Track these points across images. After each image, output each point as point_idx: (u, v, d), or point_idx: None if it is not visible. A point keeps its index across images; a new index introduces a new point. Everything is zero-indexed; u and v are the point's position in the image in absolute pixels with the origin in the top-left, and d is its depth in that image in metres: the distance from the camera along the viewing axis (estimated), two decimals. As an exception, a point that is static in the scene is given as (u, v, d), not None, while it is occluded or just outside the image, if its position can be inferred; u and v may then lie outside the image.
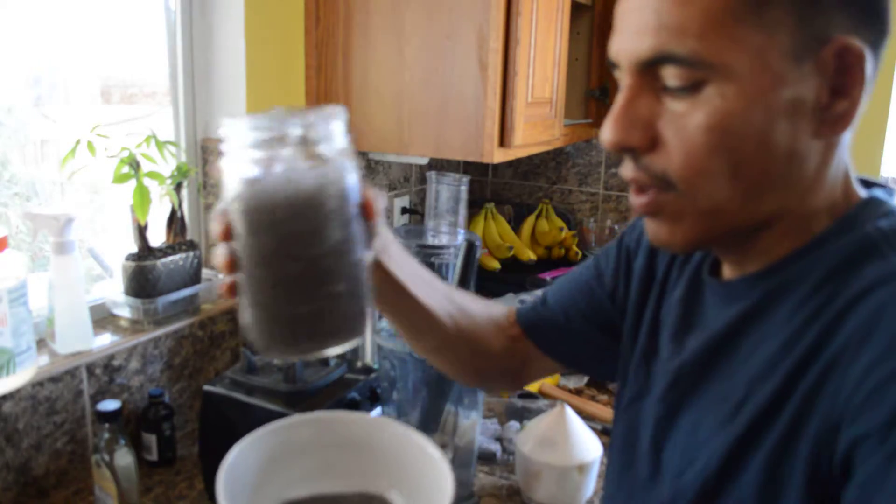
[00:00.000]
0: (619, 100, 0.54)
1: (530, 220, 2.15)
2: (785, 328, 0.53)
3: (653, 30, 0.50)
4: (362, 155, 1.66)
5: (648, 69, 0.52)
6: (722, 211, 0.53)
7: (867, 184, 0.59)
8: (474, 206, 2.09)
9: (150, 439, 1.14)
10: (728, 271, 0.61)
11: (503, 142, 1.38)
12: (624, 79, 0.54)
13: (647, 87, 0.52)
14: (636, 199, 0.56)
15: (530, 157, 2.26)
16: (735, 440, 0.54)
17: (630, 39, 0.52)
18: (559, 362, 0.82)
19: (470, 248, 0.99)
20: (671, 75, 0.51)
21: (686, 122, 0.51)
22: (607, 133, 0.54)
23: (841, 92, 0.50)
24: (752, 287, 0.57)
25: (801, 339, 0.51)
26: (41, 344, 1.07)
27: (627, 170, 0.56)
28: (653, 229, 0.57)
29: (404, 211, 1.89)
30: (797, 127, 0.50)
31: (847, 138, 0.55)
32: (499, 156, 1.38)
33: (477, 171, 2.32)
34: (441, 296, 0.72)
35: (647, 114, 0.52)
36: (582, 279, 0.80)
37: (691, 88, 0.50)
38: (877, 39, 0.51)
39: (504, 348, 0.81)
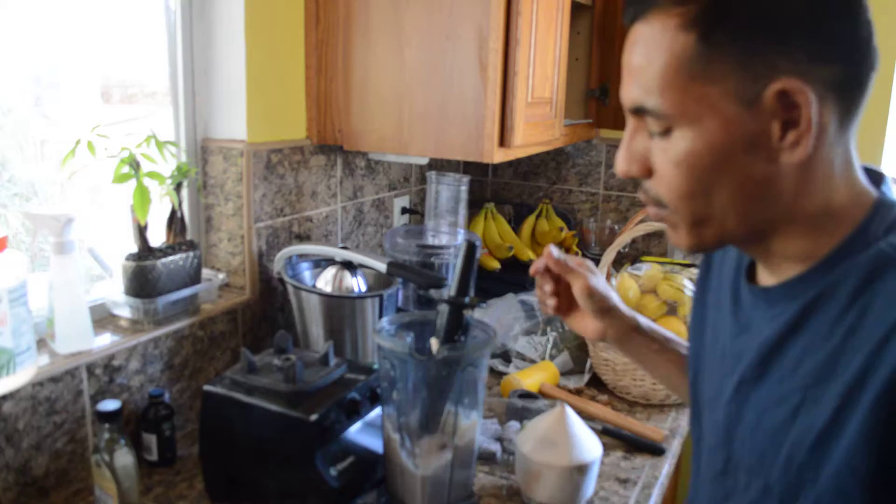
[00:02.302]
0: (624, 135, 0.67)
1: (530, 220, 2.15)
2: (827, 342, 0.60)
3: (633, 85, 0.64)
4: (362, 155, 1.66)
5: (638, 114, 0.65)
6: (707, 221, 0.64)
7: (872, 173, 0.66)
8: (474, 206, 2.09)
9: (150, 439, 1.14)
10: (764, 276, 0.71)
11: (503, 142, 1.38)
12: (628, 119, 0.67)
13: (641, 127, 0.65)
14: (651, 212, 0.70)
15: (530, 157, 2.26)
16: (800, 445, 0.62)
17: (623, 90, 0.66)
18: None
19: (470, 248, 0.99)
20: (650, 122, 0.63)
21: (664, 157, 0.63)
22: (618, 164, 0.68)
23: (791, 124, 0.58)
24: (789, 298, 0.65)
25: (846, 357, 0.58)
26: (41, 344, 1.07)
27: (640, 192, 0.70)
28: (669, 234, 0.70)
29: (404, 211, 1.89)
30: (758, 156, 0.60)
31: (850, 135, 0.62)
32: (499, 156, 1.38)
33: (477, 171, 2.32)
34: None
35: (643, 149, 0.65)
36: None
37: (664, 133, 0.63)
38: (837, 78, 0.58)
39: None
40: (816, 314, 0.62)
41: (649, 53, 0.61)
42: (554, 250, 0.96)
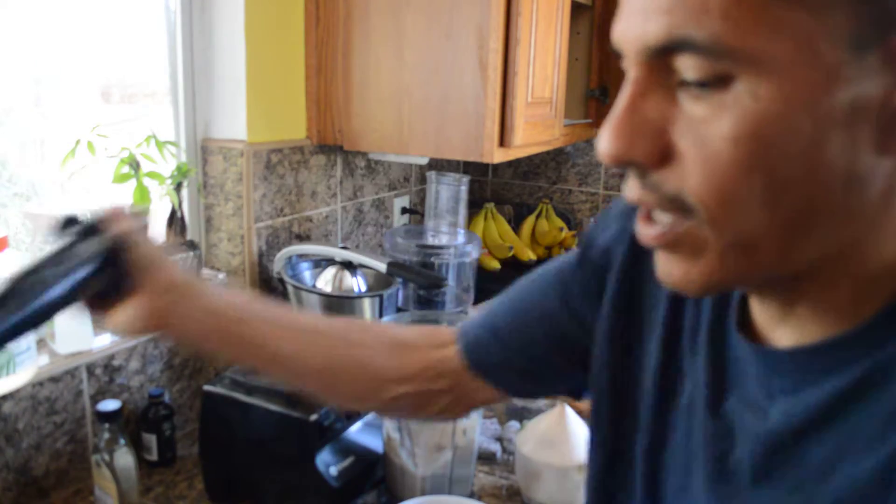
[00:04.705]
0: (622, 99, 0.41)
1: (530, 220, 2.15)
2: (880, 445, 0.39)
3: (665, 7, 0.38)
4: (362, 155, 1.66)
5: (660, 59, 0.39)
6: (754, 248, 0.40)
7: None
8: (474, 206, 2.09)
9: (150, 439, 1.14)
10: (768, 325, 0.48)
11: (503, 142, 1.38)
12: (629, 71, 0.42)
13: (659, 82, 0.40)
14: (645, 230, 0.43)
15: (530, 157, 2.26)
16: None
17: (636, 20, 0.40)
18: (511, 395, 0.76)
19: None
20: (689, 67, 0.38)
21: (708, 129, 0.38)
22: (605, 143, 0.41)
23: None
24: (818, 370, 0.43)
25: None
26: (41, 344, 1.07)
27: (632, 189, 0.43)
28: (664, 266, 0.44)
29: (404, 211, 1.89)
30: (857, 139, 0.37)
31: None
32: (499, 156, 1.38)
33: (477, 171, 2.32)
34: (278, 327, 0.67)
35: (658, 118, 0.40)
36: (541, 304, 0.68)
37: (715, 85, 0.38)
38: None
39: (432, 377, 0.71)
40: (863, 400, 0.41)
41: None
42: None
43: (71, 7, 1.18)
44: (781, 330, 0.46)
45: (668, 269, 0.44)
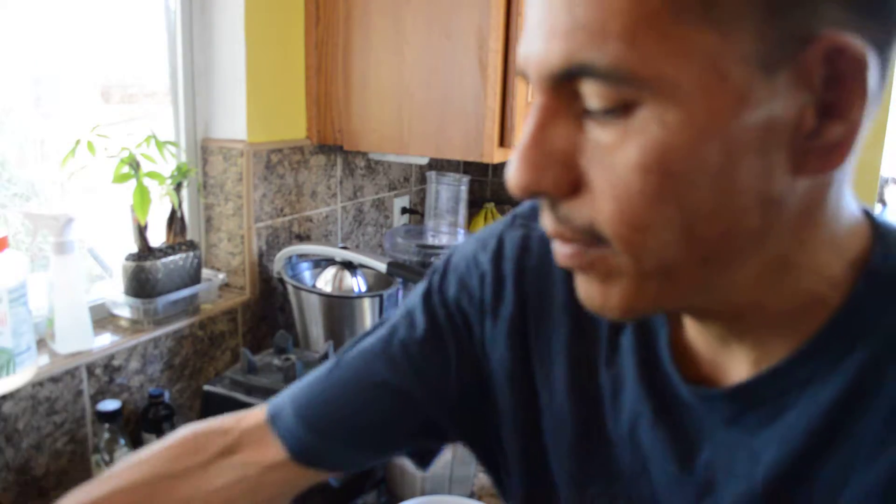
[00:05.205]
0: (529, 127, 0.39)
1: (530, 220, 2.15)
2: (880, 454, 0.38)
3: (564, 30, 0.36)
4: (362, 155, 1.66)
5: (563, 85, 0.37)
6: (674, 274, 0.39)
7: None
8: (474, 206, 2.09)
9: (151, 439, 1.14)
10: (717, 359, 0.45)
11: (503, 142, 1.38)
12: (535, 97, 0.40)
13: (565, 108, 0.38)
14: (560, 249, 0.41)
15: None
16: None
17: (538, 44, 0.38)
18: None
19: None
20: (592, 93, 0.36)
21: (615, 158, 0.37)
22: (513, 173, 0.39)
23: (834, 111, 0.36)
24: (788, 390, 0.41)
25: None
26: (41, 344, 1.07)
27: (545, 221, 0.41)
28: (584, 288, 0.42)
29: (404, 211, 1.89)
30: (771, 162, 0.36)
31: (847, 171, 0.40)
32: (499, 156, 1.38)
33: (477, 171, 2.32)
34: None
35: (566, 146, 0.39)
36: (371, 380, 0.59)
37: (620, 112, 0.36)
38: (885, 38, 0.36)
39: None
40: (855, 410, 0.39)
41: None
42: None
43: (71, 7, 1.18)
44: (731, 359, 0.44)
45: (589, 291, 0.42)
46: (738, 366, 0.44)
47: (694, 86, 0.34)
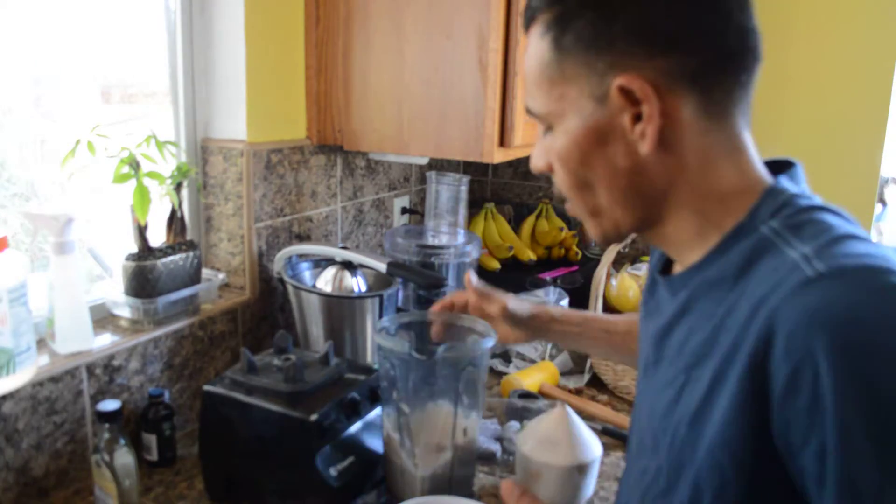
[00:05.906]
0: (537, 134, 0.73)
1: (530, 220, 2.15)
2: (708, 323, 0.63)
3: (525, 89, 0.70)
4: (362, 155, 1.66)
5: (530, 114, 0.70)
6: (600, 212, 0.68)
7: (776, 165, 0.68)
8: (474, 206, 2.09)
9: (150, 439, 1.14)
10: (676, 267, 0.74)
11: (503, 142, 1.38)
12: None
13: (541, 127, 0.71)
14: (566, 205, 0.73)
15: (530, 158, 2.25)
16: (681, 423, 0.64)
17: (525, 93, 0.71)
18: None
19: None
20: (538, 122, 0.70)
21: (551, 154, 0.69)
22: (531, 161, 0.73)
23: (640, 117, 0.61)
24: (684, 284, 0.68)
25: (722, 335, 0.60)
26: (41, 344, 1.07)
27: (555, 189, 0.74)
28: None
29: (404, 211, 1.89)
30: (618, 149, 0.64)
31: (732, 123, 0.64)
32: (499, 156, 1.38)
33: (477, 171, 2.32)
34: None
35: (546, 147, 0.70)
36: None
37: (547, 130, 0.69)
38: (686, 69, 0.60)
39: None
40: (703, 298, 0.65)
41: (528, 59, 0.68)
42: (473, 277, 1.07)
43: (71, 7, 1.18)
44: (678, 265, 0.73)
45: (586, 228, 0.73)
46: (678, 267, 0.73)
47: (566, 115, 0.66)
